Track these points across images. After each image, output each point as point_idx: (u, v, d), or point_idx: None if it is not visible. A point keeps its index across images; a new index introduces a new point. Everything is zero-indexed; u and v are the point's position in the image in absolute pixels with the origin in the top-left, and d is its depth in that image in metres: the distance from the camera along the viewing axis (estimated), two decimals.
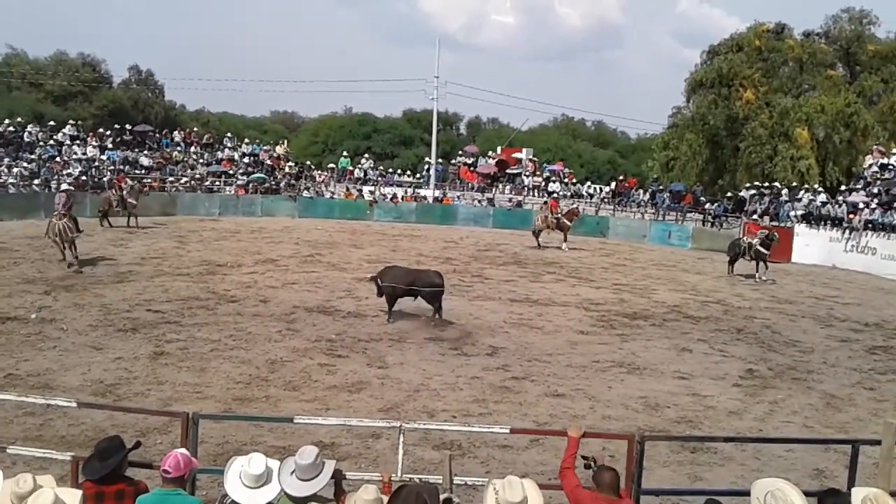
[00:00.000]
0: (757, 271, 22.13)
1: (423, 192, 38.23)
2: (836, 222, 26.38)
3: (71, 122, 35.97)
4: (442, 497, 4.25)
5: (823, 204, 27.96)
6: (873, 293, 20.65)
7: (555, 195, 34.00)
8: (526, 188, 38.84)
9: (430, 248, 24.61)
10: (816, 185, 31.45)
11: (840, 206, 27.28)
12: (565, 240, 27.06)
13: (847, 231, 25.79)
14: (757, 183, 31.88)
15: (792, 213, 27.97)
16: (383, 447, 7.77)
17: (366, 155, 45.52)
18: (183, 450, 4.41)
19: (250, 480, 4.18)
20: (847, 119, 35.24)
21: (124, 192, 26.26)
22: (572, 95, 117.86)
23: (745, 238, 23.86)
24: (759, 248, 21.98)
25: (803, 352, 13.32)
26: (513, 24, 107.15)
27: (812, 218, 27.28)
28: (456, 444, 8.00)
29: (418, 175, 42.62)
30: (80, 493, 4.03)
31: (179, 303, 14.51)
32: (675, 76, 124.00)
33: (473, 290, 17.62)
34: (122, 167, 32.59)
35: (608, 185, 40.50)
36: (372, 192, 36.45)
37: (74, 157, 32.44)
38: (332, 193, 37.03)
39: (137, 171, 32.99)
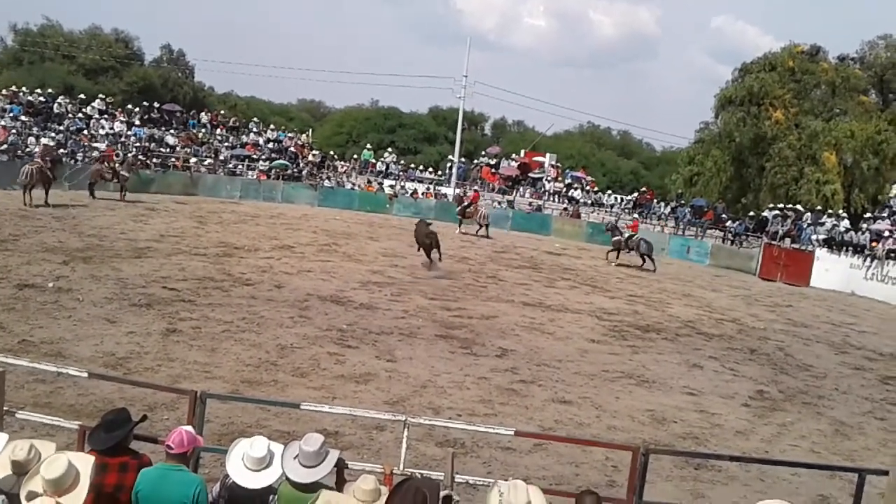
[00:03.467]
0: (643, 263, 25.20)
1: (443, 189, 38.25)
2: (858, 249, 26.08)
3: (101, 96, 36.33)
4: (442, 494, 4.24)
5: (846, 230, 27.67)
6: (891, 323, 20.40)
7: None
8: (547, 193, 38.76)
9: (447, 246, 24.47)
10: (840, 211, 31.12)
11: (863, 233, 26.99)
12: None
13: (869, 259, 25.50)
14: (780, 204, 31.58)
15: (814, 237, 27.69)
16: (387, 440, 7.78)
17: (389, 149, 45.61)
18: (188, 427, 4.44)
19: (252, 463, 4.20)
20: (876, 146, 34.80)
21: (116, 165, 26.70)
22: (600, 103, 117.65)
23: (626, 230, 26.78)
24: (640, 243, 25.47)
25: (816, 377, 13.19)
26: (545, 28, 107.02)
27: (834, 243, 26.99)
28: (459, 442, 8.00)
29: (440, 172, 42.65)
30: (91, 458, 4.04)
31: (195, 282, 14.61)
32: (705, 91, 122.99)
33: (487, 291, 17.61)
34: (147, 144, 32.84)
35: (630, 195, 40.32)
36: (392, 186, 36.52)
37: (102, 131, 32.72)
38: (354, 185, 37.14)
39: (162, 150, 33.29)
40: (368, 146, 43.25)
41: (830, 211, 30.77)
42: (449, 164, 41.84)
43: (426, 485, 4.04)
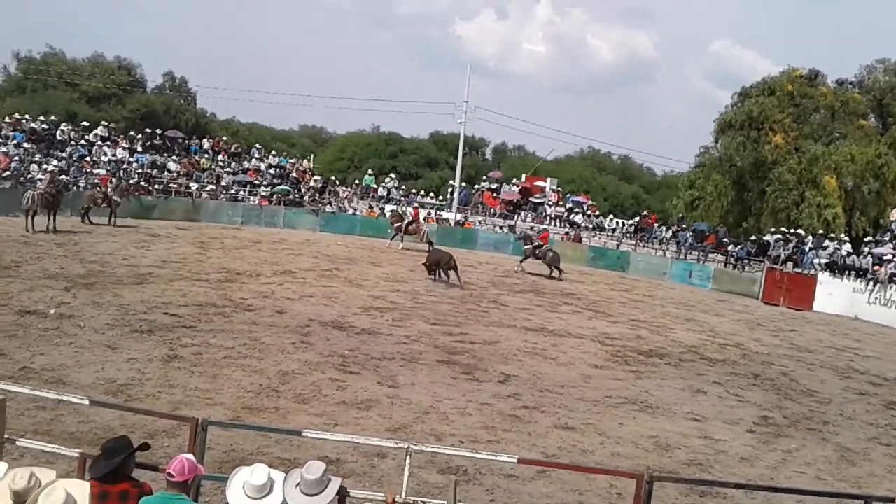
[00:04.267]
0: (551, 273, 26.33)
1: (445, 214, 38.33)
2: (861, 273, 26.04)
3: (103, 123, 36.51)
4: None
5: (848, 254, 27.65)
6: (895, 347, 20.31)
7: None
8: (548, 217, 38.82)
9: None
10: (842, 235, 31.13)
11: (866, 257, 26.97)
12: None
13: (872, 283, 25.45)
14: (782, 228, 31.60)
15: (816, 262, 27.66)
16: (389, 467, 7.72)
17: (391, 174, 45.78)
18: (189, 455, 4.40)
19: (252, 491, 4.17)
20: (877, 170, 34.93)
21: (108, 190, 26.72)
22: (600, 128, 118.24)
23: (536, 240, 27.91)
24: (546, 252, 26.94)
25: (820, 402, 13.11)
26: (544, 54, 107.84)
27: (836, 267, 26.96)
28: (462, 469, 7.93)
29: (441, 197, 42.76)
30: (87, 485, 4.02)
31: (196, 308, 14.58)
32: (705, 116, 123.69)
33: (489, 316, 17.57)
34: (149, 170, 32.99)
35: (631, 219, 40.37)
36: (394, 212, 36.58)
37: (104, 157, 32.87)
38: (355, 210, 37.21)
39: (163, 176, 33.42)
40: (370, 171, 43.43)
41: (832, 235, 30.79)
42: (450, 189, 41.98)
43: None
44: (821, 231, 31.61)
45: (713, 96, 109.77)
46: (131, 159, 33.67)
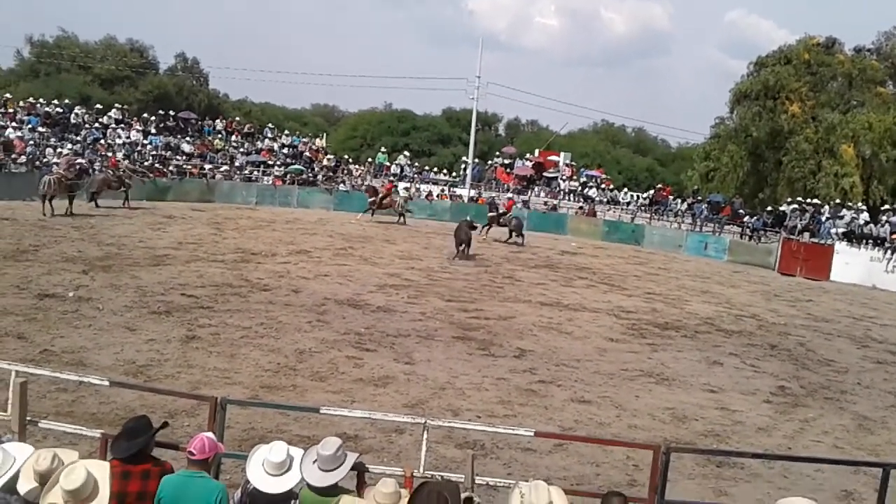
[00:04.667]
0: (509, 237, 27.28)
1: (458, 190, 38.25)
2: (879, 242, 25.82)
3: (117, 105, 36.67)
4: (463, 496, 4.25)
5: (866, 223, 27.41)
6: None
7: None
8: (562, 192, 38.66)
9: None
10: (859, 204, 30.82)
11: (883, 225, 26.72)
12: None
13: (889, 251, 25.23)
14: (798, 198, 31.31)
15: (833, 231, 27.44)
16: (406, 443, 7.78)
17: (404, 152, 45.67)
18: (209, 433, 4.46)
19: (272, 468, 4.23)
20: (895, 137, 34.44)
21: (121, 172, 26.86)
22: (613, 101, 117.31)
23: (502, 208, 29.09)
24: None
25: (837, 371, 13.07)
26: (557, 27, 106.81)
27: (853, 236, 26.73)
28: (479, 443, 7.98)
29: (454, 174, 42.65)
30: (107, 465, 4.10)
31: (213, 289, 14.69)
32: (720, 86, 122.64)
33: (504, 292, 17.58)
34: (163, 152, 33.11)
35: (645, 192, 40.13)
36: (408, 189, 36.55)
37: (118, 140, 33.00)
38: None
39: (178, 157, 33.54)
40: (383, 149, 43.34)
41: (849, 204, 30.49)
42: (463, 166, 41.85)
43: (446, 487, 4.05)
44: (838, 200, 31.29)
45: (728, 67, 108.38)
46: (145, 141, 33.80)
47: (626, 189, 40.97)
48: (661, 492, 5.37)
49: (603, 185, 39.85)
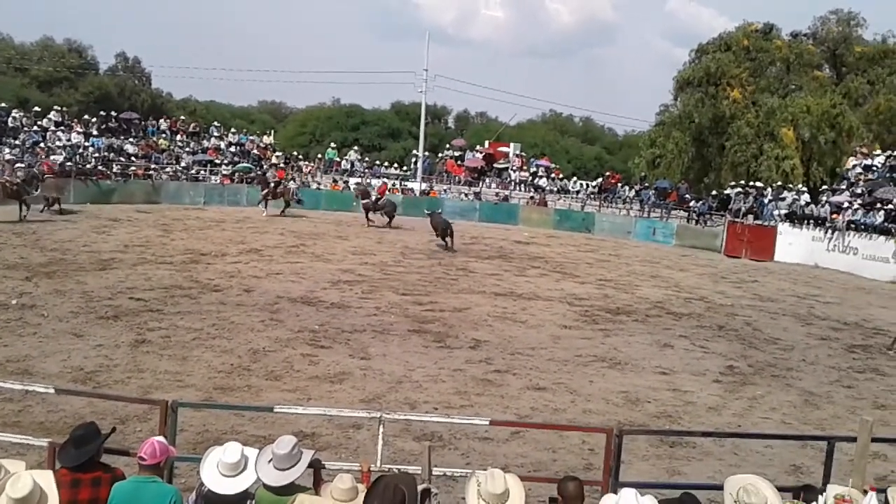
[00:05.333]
0: (389, 223, 27.97)
1: (410, 184, 38.21)
2: (820, 222, 26.56)
3: (56, 108, 35.69)
4: (420, 488, 4.27)
5: (807, 204, 28.17)
6: (854, 292, 20.85)
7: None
8: (513, 183, 38.89)
9: (416, 241, 24.59)
10: (800, 185, 31.63)
11: (823, 206, 27.49)
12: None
13: (830, 231, 25.98)
14: (742, 182, 32.02)
15: (776, 213, 28.15)
16: (364, 438, 7.78)
17: (353, 147, 45.41)
18: (160, 437, 4.40)
19: (226, 469, 4.19)
20: (832, 120, 35.36)
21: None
22: (561, 91, 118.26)
23: (375, 194, 29.63)
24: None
25: (783, 349, 13.44)
26: (503, 19, 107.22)
27: (795, 217, 27.45)
28: (436, 435, 8.01)
29: (405, 168, 42.58)
30: (51, 473, 4.03)
31: (162, 291, 14.44)
32: (664, 74, 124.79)
33: (458, 284, 17.64)
34: (106, 154, 32.34)
35: (594, 181, 40.60)
36: (358, 184, 36.35)
37: (59, 143, 32.13)
38: (319, 184, 36.94)
39: (122, 159, 32.81)
40: (332, 145, 43.03)
41: (790, 186, 31.27)
42: (414, 159, 41.80)
43: (403, 480, 4.06)
44: (779, 183, 32.06)
45: (672, 55, 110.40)
46: (87, 144, 32.94)
47: (575, 178, 41.41)
48: (616, 473, 5.46)
49: (552, 175, 40.19)
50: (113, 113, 36.88)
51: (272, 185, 30.00)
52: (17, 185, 22.77)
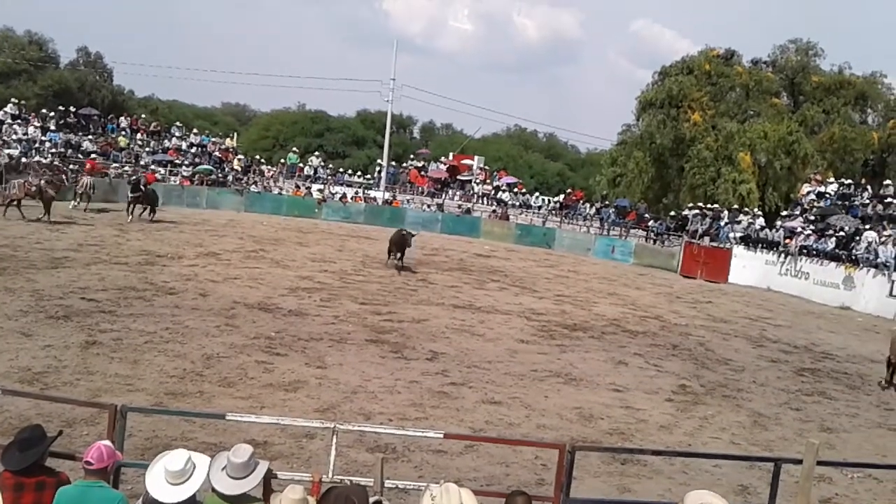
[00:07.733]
0: (151, 217, 25.82)
1: (372, 193, 38.17)
2: (773, 246, 27.17)
3: (13, 100, 34.91)
4: (372, 500, 4.24)
5: (762, 228, 28.79)
6: (804, 316, 21.32)
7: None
8: (476, 196, 39.08)
9: (377, 250, 24.48)
10: (756, 209, 32.35)
11: (777, 230, 28.12)
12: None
13: (783, 255, 26.57)
14: (699, 204, 32.63)
15: (731, 235, 28.72)
16: (317, 448, 7.71)
17: (316, 153, 45.21)
18: (107, 441, 4.32)
19: (171, 477, 4.11)
20: (788, 146, 36.27)
21: (42, 182, 23.86)
22: (526, 106, 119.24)
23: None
24: None
25: (735, 370, 13.67)
26: (471, 32, 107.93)
27: (750, 240, 28.05)
28: (390, 447, 7.98)
29: (369, 176, 42.52)
30: None
31: (115, 292, 14.17)
32: (627, 94, 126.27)
33: (418, 295, 17.63)
34: (63, 150, 31.71)
35: (556, 197, 40.99)
36: (321, 191, 36.21)
37: (14, 136, 31.42)
38: (281, 189, 36.68)
39: (79, 156, 32.17)
40: (295, 150, 42.82)
41: (746, 209, 31.96)
42: (378, 168, 41.76)
43: (354, 491, 4.04)
44: (736, 206, 32.76)
45: (635, 75, 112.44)
46: (44, 138, 32.30)
47: (537, 193, 41.76)
48: (567, 490, 5.50)
49: (515, 190, 40.49)
50: (72, 108, 36.28)
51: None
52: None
